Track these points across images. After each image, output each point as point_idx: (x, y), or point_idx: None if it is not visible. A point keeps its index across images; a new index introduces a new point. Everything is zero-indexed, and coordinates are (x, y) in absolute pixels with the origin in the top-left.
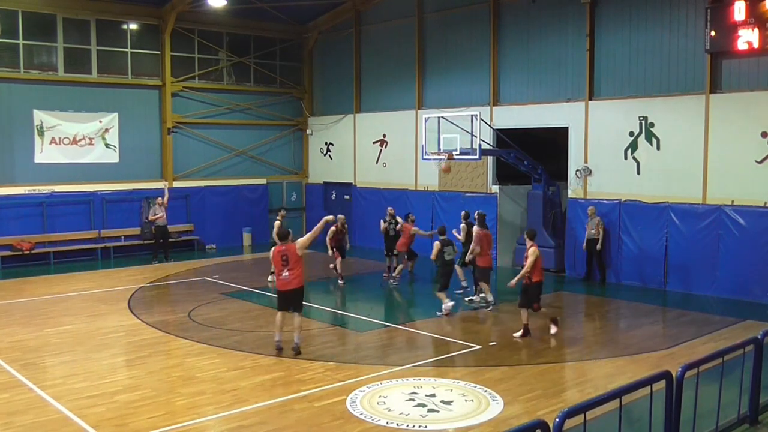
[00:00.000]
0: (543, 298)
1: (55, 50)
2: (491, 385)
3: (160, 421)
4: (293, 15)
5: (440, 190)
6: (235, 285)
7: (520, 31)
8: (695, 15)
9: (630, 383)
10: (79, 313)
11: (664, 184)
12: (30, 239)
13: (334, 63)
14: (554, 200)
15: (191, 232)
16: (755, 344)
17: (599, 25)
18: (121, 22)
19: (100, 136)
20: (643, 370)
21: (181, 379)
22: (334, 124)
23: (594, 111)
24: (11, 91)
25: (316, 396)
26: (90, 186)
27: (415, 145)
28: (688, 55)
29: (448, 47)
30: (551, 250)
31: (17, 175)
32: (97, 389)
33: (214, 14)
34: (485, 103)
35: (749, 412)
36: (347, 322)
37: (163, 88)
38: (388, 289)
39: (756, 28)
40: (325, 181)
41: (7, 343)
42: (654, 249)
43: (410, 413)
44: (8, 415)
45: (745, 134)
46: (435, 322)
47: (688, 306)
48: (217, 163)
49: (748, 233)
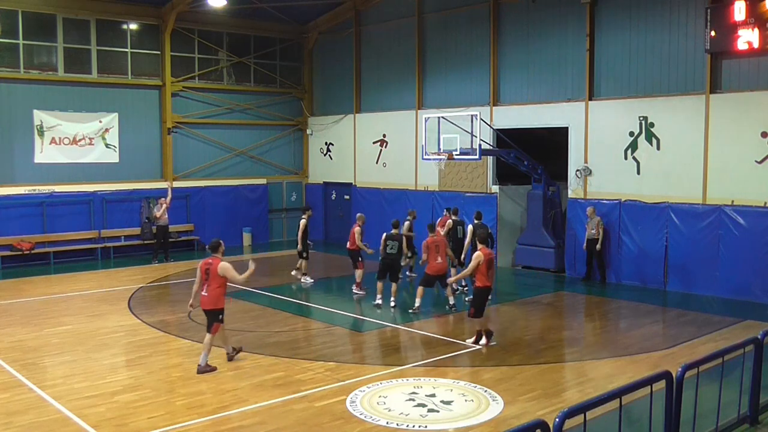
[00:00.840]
0: (542, 298)
1: (55, 50)
2: (491, 385)
3: (160, 421)
4: (293, 15)
5: (440, 190)
6: (235, 285)
7: (520, 31)
8: (695, 15)
9: (630, 383)
10: (79, 313)
11: (664, 184)
12: (30, 239)
13: (334, 63)
14: (554, 200)
15: (191, 232)
16: (755, 344)
17: (599, 25)
18: (121, 22)
19: (100, 136)
20: (643, 370)
21: (181, 379)
22: (334, 124)
23: (594, 111)
24: (11, 91)
25: (316, 396)
26: (90, 186)
27: (415, 145)
28: (688, 55)
29: (448, 47)
30: (551, 250)
31: (17, 175)
32: (97, 389)
33: (214, 14)
34: (485, 103)
35: (749, 412)
36: (347, 322)
37: (163, 88)
38: None
39: (756, 28)
40: (325, 181)
41: (7, 343)
42: (654, 249)
43: (410, 413)
44: (8, 415)
45: (745, 134)
46: (435, 322)
47: (688, 306)
48: (217, 163)
49: (748, 233)
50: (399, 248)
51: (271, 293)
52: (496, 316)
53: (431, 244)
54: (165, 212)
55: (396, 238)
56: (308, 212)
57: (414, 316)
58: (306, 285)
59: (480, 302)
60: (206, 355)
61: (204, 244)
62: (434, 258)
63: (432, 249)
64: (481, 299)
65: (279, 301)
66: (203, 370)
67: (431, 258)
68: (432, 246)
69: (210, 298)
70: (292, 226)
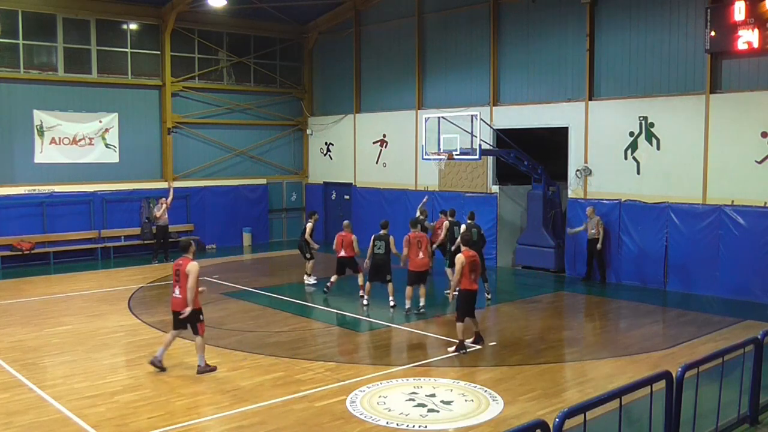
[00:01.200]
0: (542, 298)
1: (55, 50)
2: (491, 385)
3: (160, 421)
4: (293, 15)
5: (440, 190)
6: (235, 285)
7: (520, 31)
8: (695, 15)
9: (630, 383)
10: (79, 313)
11: (664, 184)
12: (30, 239)
13: (334, 63)
14: (554, 200)
15: (191, 232)
16: (755, 344)
17: (599, 25)
18: (121, 22)
19: (100, 136)
20: (643, 370)
21: (181, 379)
22: (334, 124)
23: (594, 111)
24: (11, 91)
25: (316, 396)
26: (90, 186)
27: (415, 145)
28: (688, 55)
29: (448, 47)
30: (551, 250)
31: (17, 175)
32: (97, 389)
33: (214, 14)
34: (485, 103)
35: (749, 412)
36: (347, 322)
37: (163, 88)
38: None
39: (756, 28)
40: (325, 181)
41: (7, 343)
42: (654, 249)
43: (410, 413)
44: (8, 415)
45: (745, 134)
46: (435, 322)
47: (688, 306)
48: (217, 163)
49: (748, 233)
50: (386, 248)
51: (271, 293)
52: (496, 316)
53: (413, 239)
54: (165, 212)
55: (383, 239)
56: (315, 216)
57: (414, 316)
58: (309, 285)
59: (463, 306)
60: (202, 356)
61: (204, 244)
62: (416, 254)
63: (414, 244)
64: (464, 303)
65: (279, 301)
66: (203, 371)
67: (413, 253)
68: (414, 241)
69: (181, 301)
70: (292, 226)
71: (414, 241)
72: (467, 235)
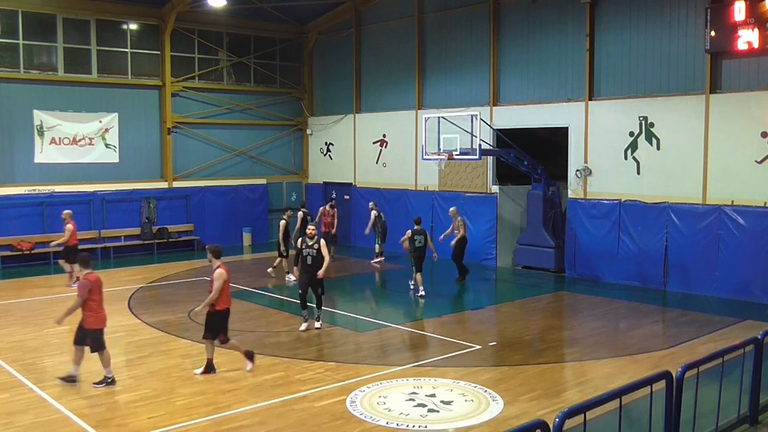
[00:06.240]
0: (542, 298)
1: (55, 50)
2: (491, 385)
3: (160, 421)
4: (293, 15)
5: (440, 190)
6: (235, 285)
7: (520, 31)
8: (695, 15)
9: (630, 383)
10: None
11: (664, 184)
12: (30, 239)
13: (334, 63)
14: (554, 200)
15: (191, 232)
16: (755, 344)
17: (599, 25)
18: (121, 22)
19: (100, 136)
20: (643, 370)
21: (181, 379)
22: (334, 124)
23: (594, 111)
24: (11, 91)
25: (316, 396)
26: (90, 186)
27: (415, 145)
28: (688, 55)
29: (448, 47)
30: (551, 250)
31: (17, 175)
32: (97, 389)
33: (214, 14)
34: (485, 103)
35: (749, 412)
36: (347, 322)
37: (163, 88)
38: (390, 288)
39: (756, 28)
40: (325, 181)
41: (7, 343)
42: (654, 249)
43: (410, 413)
44: (8, 415)
45: (745, 134)
46: (435, 322)
47: (688, 306)
48: (217, 163)
49: (748, 233)
50: (425, 241)
51: (271, 293)
52: (496, 316)
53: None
54: None
55: (422, 233)
56: (288, 212)
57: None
58: (290, 283)
59: (221, 325)
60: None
61: (204, 244)
62: None
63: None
64: (221, 323)
65: (279, 301)
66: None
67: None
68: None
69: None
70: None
71: None
72: (217, 248)
